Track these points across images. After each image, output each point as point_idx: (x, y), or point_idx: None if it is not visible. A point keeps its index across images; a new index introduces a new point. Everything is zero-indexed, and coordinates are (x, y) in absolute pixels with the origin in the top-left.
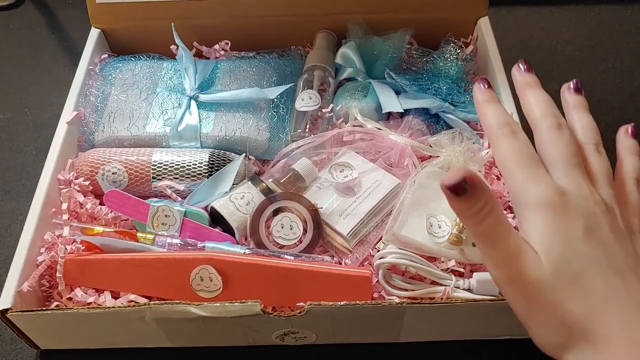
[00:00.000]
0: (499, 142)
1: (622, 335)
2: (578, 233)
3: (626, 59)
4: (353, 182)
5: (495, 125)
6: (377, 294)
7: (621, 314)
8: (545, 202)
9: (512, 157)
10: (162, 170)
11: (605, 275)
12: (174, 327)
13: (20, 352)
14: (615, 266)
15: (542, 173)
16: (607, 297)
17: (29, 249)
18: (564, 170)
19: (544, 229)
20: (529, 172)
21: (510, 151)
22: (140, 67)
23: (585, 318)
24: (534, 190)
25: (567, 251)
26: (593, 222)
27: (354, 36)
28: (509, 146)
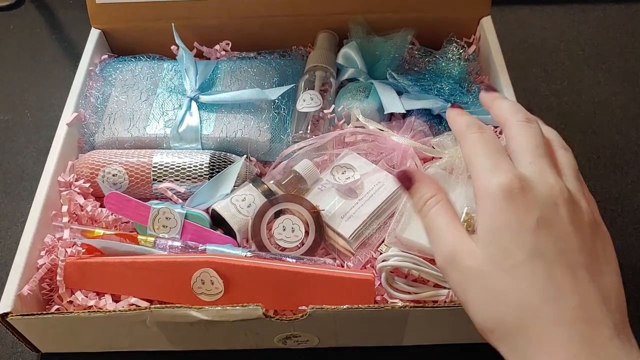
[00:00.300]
0: (465, 138)
1: (557, 332)
2: (529, 224)
3: (630, 58)
4: (355, 184)
5: (464, 125)
6: (379, 297)
7: (560, 310)
8: (502, 191)
9: (476, 148)
10: (162, 172)
11: (550, 267)
12: (175, 331)
13: (21, 355)
14: (564, 259)
15: (505, 162)
16: (546, 290)
17: (29, 252)
18: (530, 159)
19: (493, 221)
20: (491, 161)
21: (475, 143)
22: (141, 67)
23: (519, 308)
24: (494, 179)
25: (511, 242)
26: (550, 212)
27: (356, 36)
28: (474, 139)
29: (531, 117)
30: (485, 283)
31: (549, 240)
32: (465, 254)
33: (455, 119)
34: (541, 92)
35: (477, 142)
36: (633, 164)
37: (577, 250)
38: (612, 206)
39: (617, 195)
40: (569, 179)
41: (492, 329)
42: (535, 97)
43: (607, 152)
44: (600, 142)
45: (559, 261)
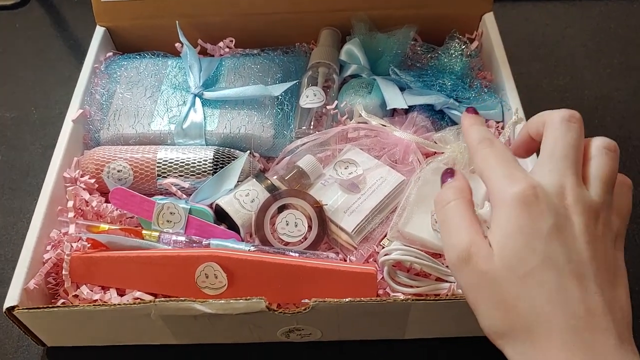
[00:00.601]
0: (477, 153)
1: (563, 339)
2: (542, 231)
3: (632, 54)
4: (358, 179)
5: (476, 140)
6: (382, 291)
7: (568, 316)
8: (517, 199)
9: (489, 162)
10: (167, 167)
11: (561, 276)
12: (180, 324)
13: (27, 349)
14: (574, 269)
15: (518, 172)
16: (556, 299)
17: (35, 247)
18: (551, 167)
19: (508, 227)
20: (505, 171)
21: (487, 157)
22: (145, 64)
23: (529, 314)
24: (509, 187)
25: (524, 249)
26: (562, 220)
27: (358, 33)
28: (486, 154)
29: (577, 115)
30: (499, 289)
31: (560, 248)
32: (481, 257)
33: (468, 131)
34: (543, 88)
35: (489, 156)
36: (635, 158)
37: (587, 262)
38: None
39: None
40: (594, 190)
41: (501, 333)
42: (537, 92)
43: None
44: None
45: (569, 270)
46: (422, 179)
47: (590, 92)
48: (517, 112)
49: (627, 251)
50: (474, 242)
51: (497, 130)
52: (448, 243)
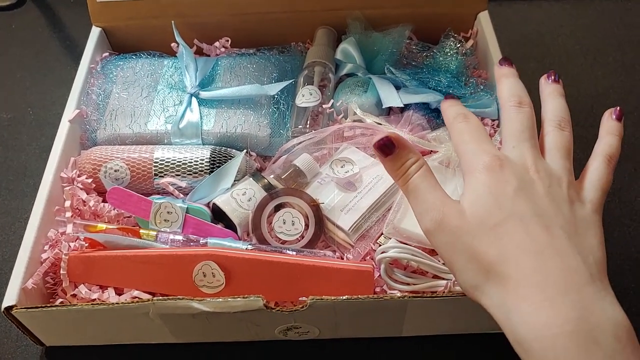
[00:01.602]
0: (453, 128)
1: (533, 279)
2: (508, 192)
3: (628, 52)
4: (354, 177)
5: (452, 116)
6: (379, 289)
7: (537, 259)
8: (485, 168)
9: (463, 136)
10: (164, 167)
11: (527, 225)
12: (178, 323)
13: (26, 349)
14: (541, 220)
15: (487, 146)
16: (524, 244)
17: (33, 247)
18: (513, 144)
19: (478, 189)
20: (476, 146)
21: (461, 132)
22: (142, 65)
23: (499, 261)
24: (478, 159)
25: (492, 205)
26: (527, 184)
27: (354, 32)
28: (460, 128)
29: (525, 99)
30: (471, 241)
31: (526, 204)
32: (453, 215)
33: (446, 111)
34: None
35: (463, 130)
36: (630, 157)
37: (553, 215)
38: (609, 198)
39: (614, 187)
40: (554, 159)
41: (476, 285)
42: (532, 91)
43: None
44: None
45: (536, 222)
46: None
47: (586, 90)
48: None
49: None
50: (445, 203)
51: (492, 128)
52: (420, 211)
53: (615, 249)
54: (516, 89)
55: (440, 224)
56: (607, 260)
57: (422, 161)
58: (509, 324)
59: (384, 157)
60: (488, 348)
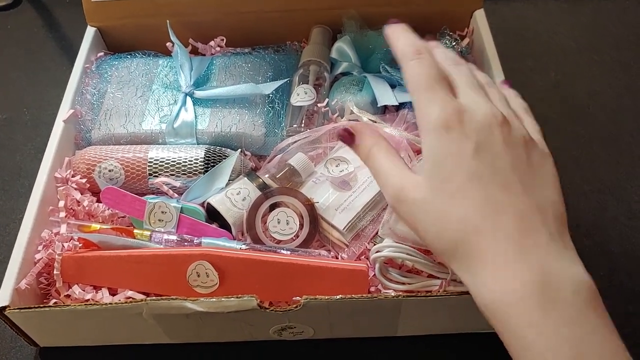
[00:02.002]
0: (405, 66)
1: (493, 242)
2: (467, 151)
3: (624, 51)
4: (349, 177)
5: (401, 51)
6: (374, 288)
7: (497, 221)
8: (441, 124)
9: (415, 80)
10: (158, 167)
11: (487, 185)
12: (172, 323)
13: (20, 349)
14: (499, 178)
15: (441, 93)
16: (483, 207)
17: (27, 247)
18: (464, 90)
19: (435, 153)
20: (429, 94)
21: (414, 74)
22: (136, 64)
23: (462, 229)
24: (433, 112)
25: (451, 169)
26: (485, 136)
27: (349, 30)
28: (413, 68)
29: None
30: (431, 209)
31: (485, 163)
32: (411, 188)
33: (394, 42)
34: (535, 85)
35: (415, 72)
36: (626, 154)
37: (510, 168)
38: (606, 196)
39: (610, 185)
40: (499, 104)
41: (443, 250)
42: (528, 89)
43: (601, 143)
44: (594, 133)
45: (495, 181)
46: None
47: (582, 88)
48: None
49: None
50: (403, 177)
51: None
52: (383, 188)
53: (612, 247)
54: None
55: (400, 198)
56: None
57: (382, 141)
58: (475, 289)
59: (349, 145)
60: (483, 347)
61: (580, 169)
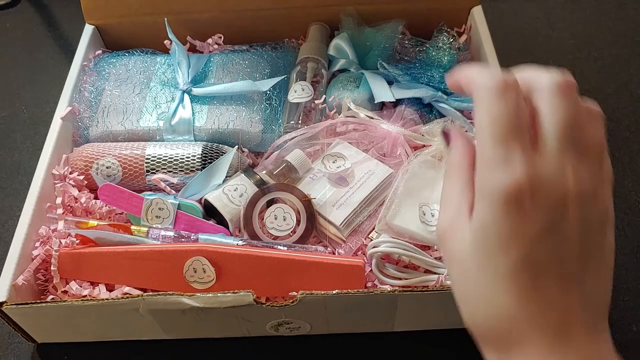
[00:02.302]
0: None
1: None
2: (530, 232)
3: (622, 46)
4: (346, 173)
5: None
6: (370, 284)
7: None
8: (506, 197)
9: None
10: (155, 163)
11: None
12: (168, 319)
13: (18, 346)
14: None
15: (518, 153)
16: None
17: (24, 243)
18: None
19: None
20: (501, 150)
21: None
22: (134, 62)
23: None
24: (499, 177)
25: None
26: (557, 218)
27: (347, 28)
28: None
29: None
30: (470, 279)
31: (547, 249)
32: (457, 238)
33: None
34: None
35: (490, 112)
36: (624, 151)
37: (575, 259)
38: None
39: None
40: (592, 167)
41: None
42: None
43: None
44: None
45: (551, 271)
46: (410, 172)
47: (581, 85)
48: None
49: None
50: (456, 217)
51: None
52: (439, 215)
53: None
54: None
55: (443, 237)
56: None
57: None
58: None
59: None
60: None
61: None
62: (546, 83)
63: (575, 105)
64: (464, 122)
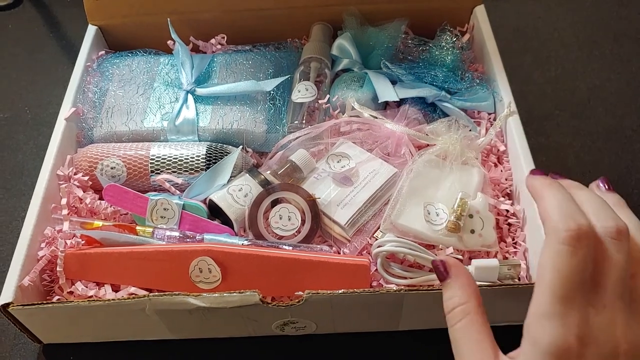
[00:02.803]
0: (550, 249)
1: None
2: None
3: (624, 45)
4: (350, 172)
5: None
6: (375, 283)
7: None
8: (554, 352)
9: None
10: (160, 164)
11: None
12: (175, 319)
13: (24, 347)
14: None
15: (576, 313)
16: None
17: (30, 244)
18: (607, 302)
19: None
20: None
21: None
22: (137, 62)
23: None
24: (550, 332)
25: None
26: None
27: (350, 27)
28: (559, 259)
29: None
30: None
31: None
32: None
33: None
34: (535, 80)
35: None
36: (627, 148)
37: None
38: None
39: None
40: None
41: None
42: (529, 85)
43: (602, 137)
44: (595, 127)
45: None
46: (415, 171)
47: (582, 83)
48: (509, 106)
49: None
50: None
51: (489, 122)
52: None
53: None
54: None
55: None
56: None
57: (471, 306)
58: None
59: (439, 280)
60: None
61: (581, 163)
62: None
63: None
64: (468, 122)
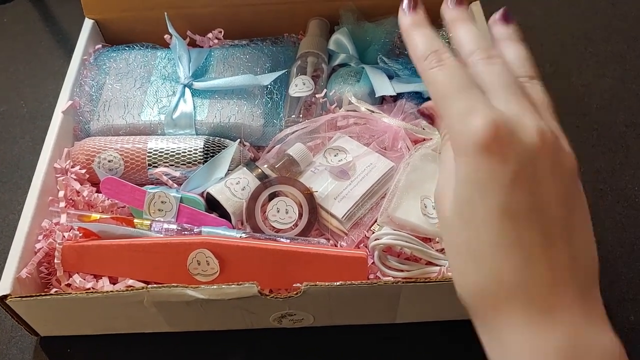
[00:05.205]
0: (425, 74)
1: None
2: (504, 179)
3: (619, 41)
4: (347, 166)
5: (421, 54)
6: (373, 276)
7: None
8: (479, 140)
9: (442, 88)
10: (157, 157)
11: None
12: (172, 311)
13: (21, 339)
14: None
15: (480, 101)
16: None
17: (27, 236)
18: (505, 97)
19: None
20: (464, 103)
21: (439, 83)
22: (135, 56)
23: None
24: (469, 124)
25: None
26: (530, 163)
27: (347, 22)
28: (436, 77)
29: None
30: (451, 234)
31: (524, 197)
32: (445, 199)
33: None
34: None
35: (441, 81)
36: (621, 144)
37: (554, 206)
38: (602, 185)
39: (606, 174)
40: (549, 119)
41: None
42: None
43: (596, 133)
44: (589, 124)
45: (532, 220)
46: (411, 165)
47: (577, 79)
48: None
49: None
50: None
51: None
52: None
53: (608, 235)
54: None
55: (436, 202)
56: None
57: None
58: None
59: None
60: None
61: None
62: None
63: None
64: None
